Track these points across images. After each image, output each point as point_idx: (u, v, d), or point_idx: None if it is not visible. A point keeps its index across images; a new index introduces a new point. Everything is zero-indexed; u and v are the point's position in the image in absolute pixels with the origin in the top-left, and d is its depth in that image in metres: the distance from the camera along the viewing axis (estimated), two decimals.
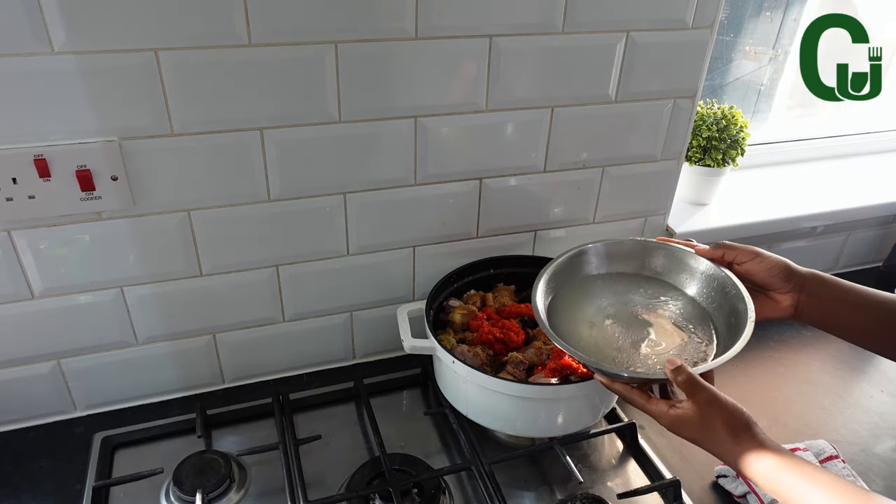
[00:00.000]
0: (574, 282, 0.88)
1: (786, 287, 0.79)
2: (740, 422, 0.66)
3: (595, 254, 0.89)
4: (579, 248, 0.88)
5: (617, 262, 0.89)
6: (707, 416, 0.67)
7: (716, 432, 0.66)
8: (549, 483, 0.89)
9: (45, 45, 0.70)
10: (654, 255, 0.88)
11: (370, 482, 0.86)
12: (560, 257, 0.87)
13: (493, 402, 0.85)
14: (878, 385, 1.11)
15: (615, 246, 0.89)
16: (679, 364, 0.68)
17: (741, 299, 0.77)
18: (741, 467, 0.65)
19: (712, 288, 0.83)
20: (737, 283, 0.79)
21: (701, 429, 0.67)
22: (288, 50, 0.79)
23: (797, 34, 1.37)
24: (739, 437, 0.65)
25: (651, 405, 0.71)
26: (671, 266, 0.87)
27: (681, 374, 0.68)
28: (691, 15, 0.95)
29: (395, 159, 0.92)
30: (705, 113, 1.25)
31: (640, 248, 0.89)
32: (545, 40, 0.89)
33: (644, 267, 0.89)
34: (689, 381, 0.68)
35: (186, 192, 0.84)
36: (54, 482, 0.87)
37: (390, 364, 1.10)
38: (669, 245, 0.87)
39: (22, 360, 0.89)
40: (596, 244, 0.89)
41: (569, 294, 0.86)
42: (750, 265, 0.80)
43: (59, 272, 0.84)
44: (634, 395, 0.73)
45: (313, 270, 0.97)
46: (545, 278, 0.84)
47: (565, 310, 0.84)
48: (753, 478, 0.64)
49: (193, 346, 0.98)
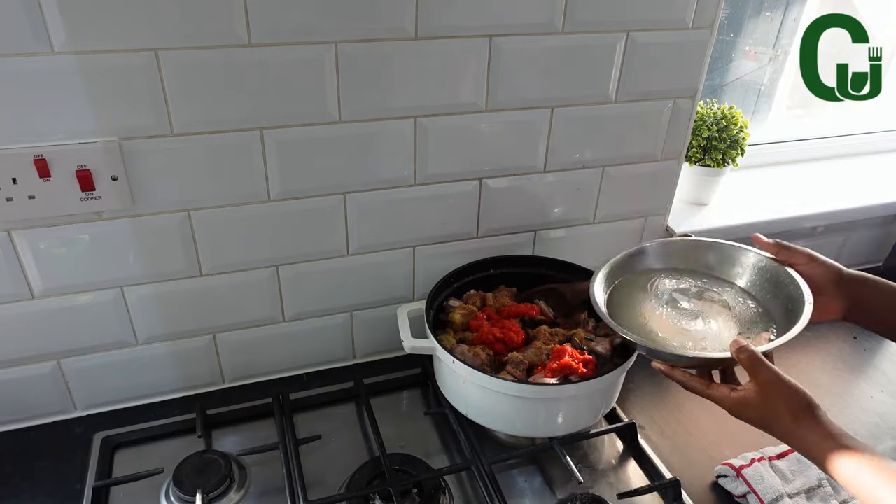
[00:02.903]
0: (630, 275, 0.90)
1: (837, 292, 0.79)
2: (802, 403, 0.66)
3: (651, 252, 0.92)
4: (637, 248, 0.91)
5: (671, 258, 0.92)
6: (769, 396, 0.67)
7: (777, 413, 0.66)
8: (549, 483, 0.89)
9: (45, 45, 0.70)
10: (705, 252, 0.91)
11: (370, 482, 0.86)
12: (618, 255, 0.90)
13: (493, 402, 0.85)
14: (878, 385, 1.11)
15: (669, 245, 0.93)
16: (743, 343, 0.70)
17: (796, 286, 0.79)
18: (801, 449, 0.65)
19: (765, 279, 0.85)
20: (790, 272, 0.81)
21: (762, 409, 0.68)
22: (288, 50, 0.79)
23: (797, 34, 1.37)
24: (800, 419, 0.65)
25: (712, 390, 0.72)
26: (723, 260, 0.90)
27: (744, 352, 0.69)
28: (691, 15, 0.95)
29: (395, 159, 0.92)
30: (705, 113, 1.25)
31: (692, 247, 0.92)
32: (545, 40, 0.89)
33: (697, 262, 0.91)
34: (753, 358, 0.68)
35: (186, 192, 0.84)
36: (54, 482, 0.87)
37: (390, 364, 1.10)
38: (718, 242, 0.90)
39: (22, 360, 0.89)
40: (651, 244, 0.92)
41: (624, 287, 0.89)
42: (804, 269, 0.81)
43: (59, 272, 0.84)
44: (695, 381, 0.74)
45: (313, 270, 0.97)
46: (602, 274, 0.87)
47: (622, 303, 0.86)
48: (814, 460, 0.64)
49: (193, 346, 0.98)
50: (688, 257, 0.91)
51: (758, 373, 0.68)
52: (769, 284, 0.85)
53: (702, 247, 0.91)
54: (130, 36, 0.72)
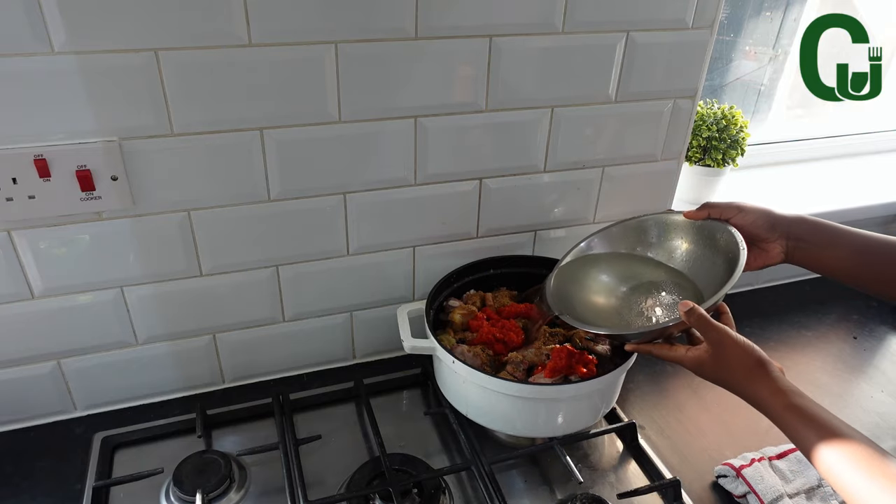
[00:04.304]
0: (576, 268, 0.93)
1: (772, 236, 0.82)
2: (752, 359, 0.68)
3: (596, 245, 0.95)
4: (582, 242, 0.94)
5: (614, 243, 0.94)
6: (720, 355, 0.69)
7: (731, 371, 0.69)
8: (549, 483, 0.89)
9: (45, 45, 0.70)
10: (645, 229, 0.94)
11: (370, 482, 0.86)
12: (565, 258, 0.94)
13: (493, 402, 0.85)
14: (878, 385, 1.11)
15: (606, 233, 0.95)
16: (690, 306, 0.71)
17: (730, 236, 0.83)
18: (755, 405, 0.67)
19: (704, 237, 0.88)
20: (723, 225, 0.84)
21: (716, 368, 0.70)
22: (288, 50, 0.79)
23: (797, 34, 1.37)
24: (752, 376, 0.67)
25: (672, 352, 0.75)
26: (661, 233, 0.93)
27: (692, 314, 0.71)
28: (691, 15, 0.95)
29: (395, 159, 0.92)
30: (705, 113, 1.25)
31: (631, 227, 0.94)
32: (545, 40, 0.89)
33: (640, 241, 0.94)
34: (700, 319, 0.70)
35: (186, 192, 0.84)
36: (54, 482, 0.87)
37: (390, 364, 1.10)
38: (654, 215, 0.93)
39: (22, 360, 0.89)
40: (592, 238, 0.95)
41: (574, 280, 0.92)
42: (737, 219, 0.84)
43: (59, 272, 0.84)
44: (661, 348, 0.76)
45: (313, 270, 0.97)
46: (554, 278, 0.91)
47: (576, 295, 0.89)
48: (767, 416, 0.66)
49: (193, 346, 0.98)
50: (628, 237, 0.94)
51: (707, 332, 0.70)
52: (709, 241, 0.87)
53: (642, 225, 0.94)
54: (130, 36, 0.72)
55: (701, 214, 0.87)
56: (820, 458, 0.61)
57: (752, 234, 0.83)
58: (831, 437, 0.60)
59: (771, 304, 1.32)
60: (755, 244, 0.83)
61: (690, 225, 0.89)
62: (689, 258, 0.89)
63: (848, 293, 1.35)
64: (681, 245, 0.91)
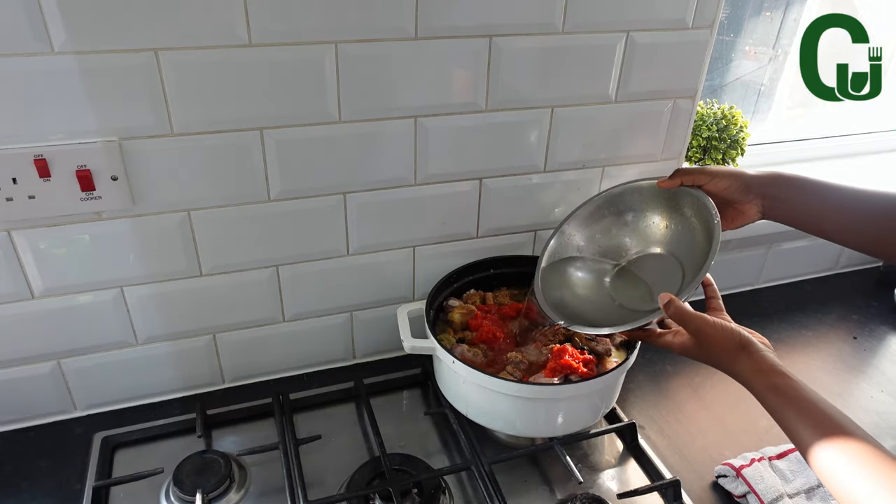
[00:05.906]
0: (561, 265, 0.94)
1: (746, 198, 0.82)
2: (733, 343, 0.69)
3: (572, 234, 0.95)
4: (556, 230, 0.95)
5: (592, 227, 0.95)
6: (702, 342, 0.71)
7: (716, 356, 0.70)
8: (549, 483, 0.89)
9: (45, 45, 0.70)
10: (620, 211, 0.93)
11: (370, 482, 0.86)
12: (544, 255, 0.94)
13: (493, 402, 0.85)
14: (878, 385, 1.11)
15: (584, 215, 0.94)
16: (669, 298, 0.72)
17: (704, 204, 0.82)
18: (744, 385, 0.68)
19: (679, 208, 0.88)
20: (695, 193, 0.84)
21: (702, 354, 0.72)
22: (288, 50, 0.79)
23: (797, 34, 1.37)
24: (736, 359, 0.68)
25: (659, 339, 0.77)
26: (639, 211, 0.92)
27: (670, 306, 0.72)
28: (691, 15, 0.95)
29: (395, 159, 0.92)
30: (705, 113, 1.25)
31: (608, 200, 0.93)
32: (545, 40, 0.89)
33: (616, 223, 0.93)
34: (678, 311, 0.72)
35: (186, 192, 0.84)
36: (54, 482, 0.87)
37: (390, 364, 1.10)
38: (632, 183, 0.92)
39: (22, 360, 0.89)
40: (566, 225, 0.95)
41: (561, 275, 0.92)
42: (710, 186, 0.84)
43: (59, 272, 0.84)
44: (650, 336, 0.78)
45: (313, 270, 0.97)
46: (540, 279, 0.91)
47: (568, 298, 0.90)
48: (753, 394, 0.67)
49: (193, 346, 0.98)
50: (603, 219, 0.94)
51: (687, 323, 0.72)
52: (684, 212, 0.87)
53: (614, 202, 0.93)
54: (130, 36, 0.72)
55: (673, 183, 0.86)
56: (799, 437, 0.62)
57: (726, 198, 0.83)
58: (811, 416, 0.61)
59: (771, 304, 1.32)
60: (731, 206, 0.84)
61: (663, 195, 0.89)
62: (668, 234, 0.89)
63: (848, 293, 1.35)
64: (659, 223, 0.91)
